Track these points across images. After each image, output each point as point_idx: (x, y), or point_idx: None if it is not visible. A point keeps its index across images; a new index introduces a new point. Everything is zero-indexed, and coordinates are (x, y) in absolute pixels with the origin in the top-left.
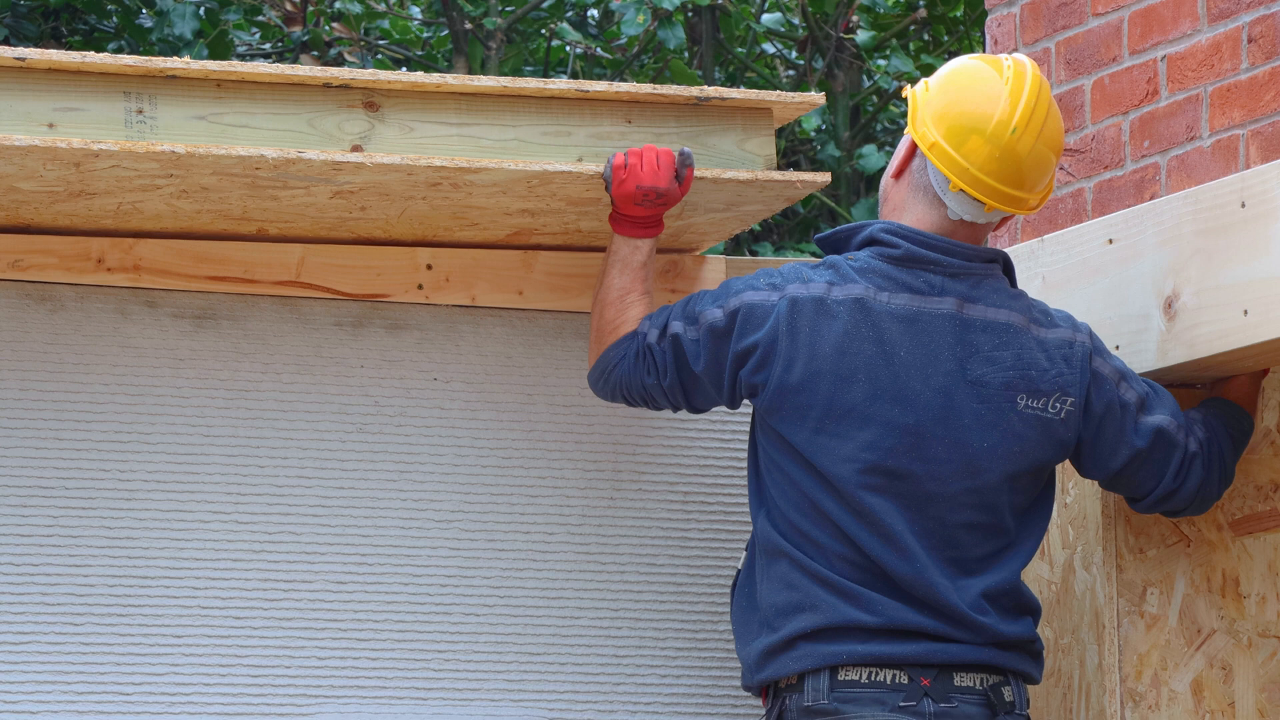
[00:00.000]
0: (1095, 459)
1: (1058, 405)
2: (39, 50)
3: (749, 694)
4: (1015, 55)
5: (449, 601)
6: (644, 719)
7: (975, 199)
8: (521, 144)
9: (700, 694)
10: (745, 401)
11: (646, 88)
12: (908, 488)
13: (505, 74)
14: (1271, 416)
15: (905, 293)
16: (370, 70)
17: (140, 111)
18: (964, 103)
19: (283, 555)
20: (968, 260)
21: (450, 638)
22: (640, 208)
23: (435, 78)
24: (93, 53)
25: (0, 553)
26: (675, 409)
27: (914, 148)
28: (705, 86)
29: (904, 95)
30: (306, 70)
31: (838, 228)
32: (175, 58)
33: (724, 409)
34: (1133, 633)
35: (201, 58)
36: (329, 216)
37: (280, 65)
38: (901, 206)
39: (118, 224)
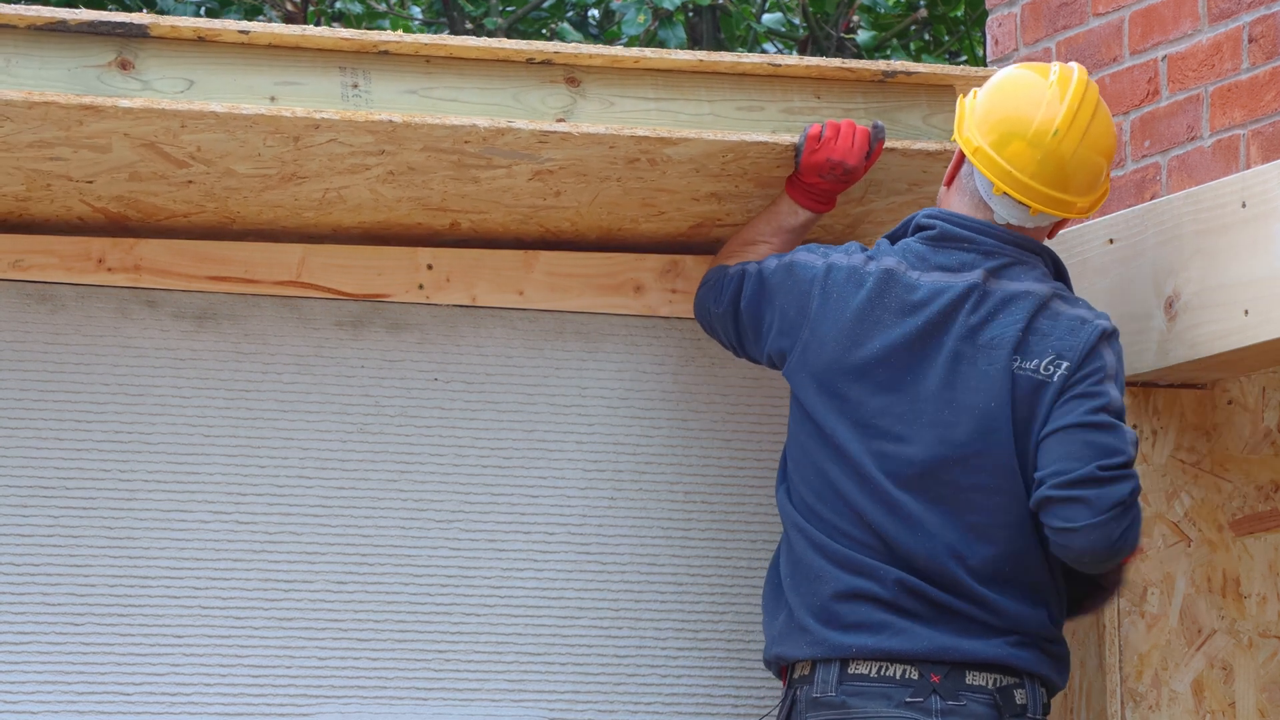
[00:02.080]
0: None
1: (1050, 369)
2: (261, 24)
3: (763, 690)
4: (1066, 63)
5: (449, 601)
6: (645, 719)
7: (1020, 202)
8: (716, 118)
9: (701, 694)
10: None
11: (835, 63)
12: (918, 452)
13: None
14: (1272, 416)
15: (937, 271)
16: (571, 45)
17: (355, 86)
18: (1007, 107)
19: (283, 555)
20: (1003, 242)
21: (451, 638)
22: (822, 180)
23: (634, 52)
24: (311, 27)
25: (1, 553)
26: (731, 347)
27: (962, 155)
28: (891, 61)
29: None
30: (511, 45)
31: (904, 220)
32: (388, 32)
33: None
34: (1133, 633)
35: None
36: (523, 204)
37: (486, 39)
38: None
39: (319, 218)
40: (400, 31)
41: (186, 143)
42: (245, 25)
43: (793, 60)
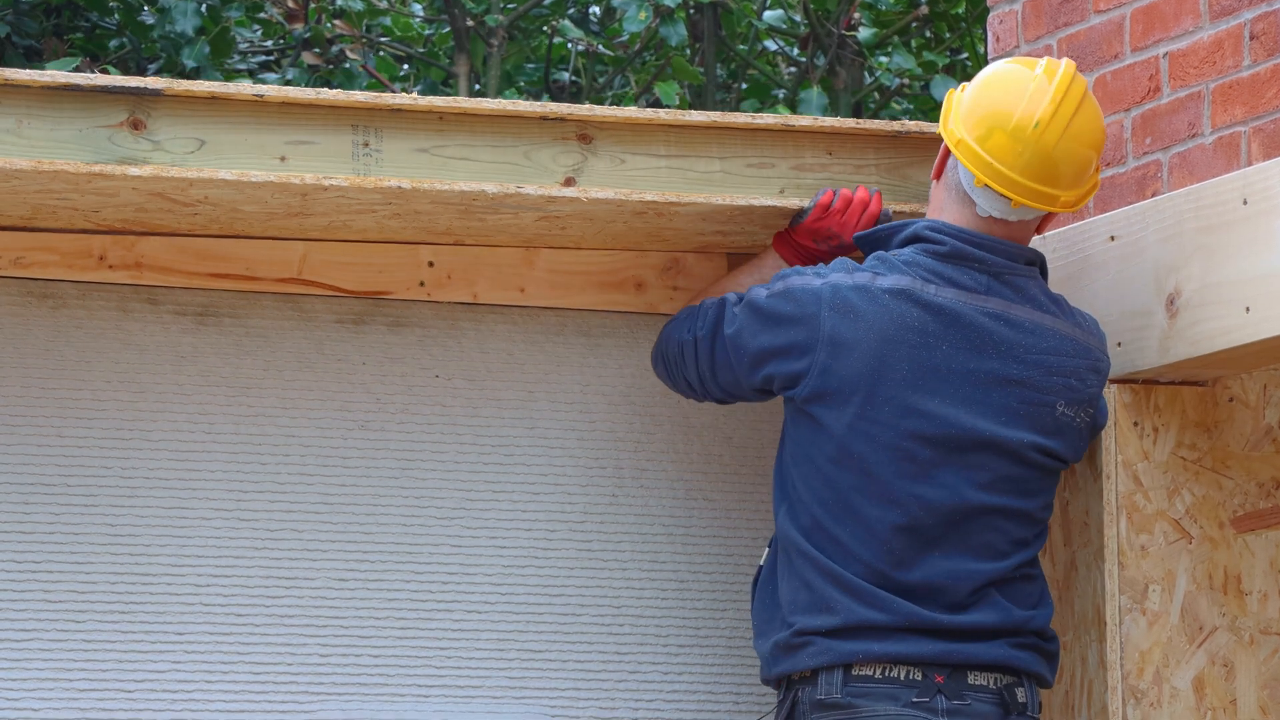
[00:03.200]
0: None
1: (1084, 415)
2: (275, 87)
3: (764, 688)
4: (1055, 58)
5: (451, 598)
6: (646, 715)
7: (1000, 195)
8: (727, 175)
9: (703, 690)
10: (760, 397)
11: (849, 122)
12: (945, 477)
13: (507, 70)
14: (1273, 414)
15: (951, 288)
16: (586, 105)
17: (366, 144)
18: (990, 100)
19: (285, 552)
20: (1011, 260)
21: (452, 635)
22: (815, 244)
23: (648, 112)
24: (325, 89)
25: (2, 550)
26: (693, 382)
27: (949, 149)
28: (905, 120)
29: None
30: (525, 105)
31: (878, 226)
32: (402, 94)
33: (724, 410)
34: (1134, 630)
35: (203, 55)
36: (526, 233)
37: (500, 100)
38: (940, 208)
39: (324, 235)
40: (411, 96)
41: (195, 194)
42: (260, 89)
43: (806, 120)
